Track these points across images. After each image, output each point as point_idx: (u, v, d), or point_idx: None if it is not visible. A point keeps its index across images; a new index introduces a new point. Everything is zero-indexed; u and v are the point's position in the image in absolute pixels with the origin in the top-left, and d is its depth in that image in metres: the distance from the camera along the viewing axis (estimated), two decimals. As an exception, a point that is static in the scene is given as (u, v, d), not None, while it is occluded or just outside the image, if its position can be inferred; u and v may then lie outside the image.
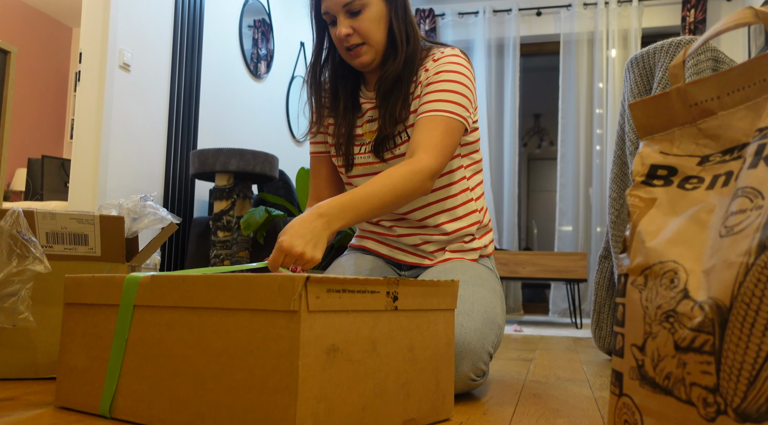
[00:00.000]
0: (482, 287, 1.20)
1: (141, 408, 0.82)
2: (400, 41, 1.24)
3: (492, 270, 1.34)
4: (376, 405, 0.77)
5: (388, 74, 1.24)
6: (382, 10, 1.23)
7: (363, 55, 1.23)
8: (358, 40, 1.22)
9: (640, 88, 1.74)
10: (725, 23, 0.69)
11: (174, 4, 3.43)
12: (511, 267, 3.67)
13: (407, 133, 1.26)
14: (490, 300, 1.18)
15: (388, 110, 1.25)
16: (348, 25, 1.21)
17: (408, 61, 1.25)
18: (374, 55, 1.24)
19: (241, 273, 0.74)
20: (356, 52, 1.23)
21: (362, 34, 1.22)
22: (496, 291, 1.24)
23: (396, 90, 1.25)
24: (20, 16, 5.43)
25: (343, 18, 1.21)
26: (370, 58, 1.24)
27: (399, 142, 1.26)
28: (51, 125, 5.76)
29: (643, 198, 0.75)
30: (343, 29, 1.21)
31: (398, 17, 1.25)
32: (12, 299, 1.11)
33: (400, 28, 1.25)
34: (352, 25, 1.21)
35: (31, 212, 1.21)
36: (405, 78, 1.25)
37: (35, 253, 1.13)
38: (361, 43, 1.22)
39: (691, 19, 4.74)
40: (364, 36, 1.22)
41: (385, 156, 1.28)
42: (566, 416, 0.98)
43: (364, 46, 1.23)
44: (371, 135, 1.30)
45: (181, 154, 3.44)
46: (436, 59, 1.26)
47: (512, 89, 5.15)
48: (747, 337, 0.55)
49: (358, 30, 1.21)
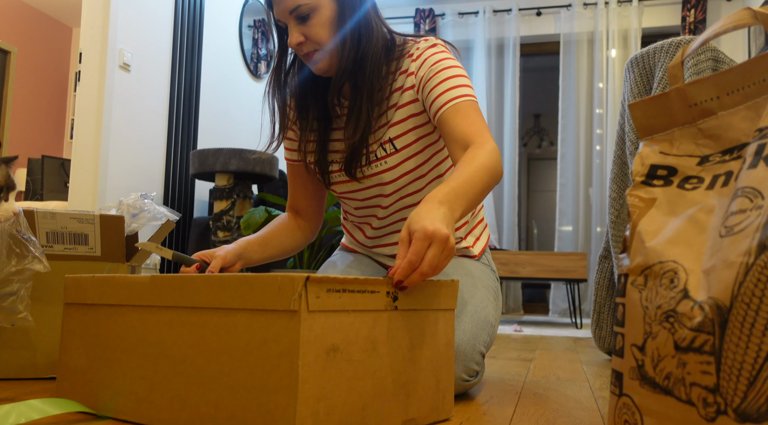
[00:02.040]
0: (473, 286, 1.19)
1: (141, 408, 0.82)
2: (351, 41, 1.15)
3: (487, 265, 1.31)
4: (376, 405, 0.77)
5: (341, 81, 1.16)
6: (332, 12, 1.14)
7: (319, 61, 1.16)
8: (311, 47, 1.15)
9: (640, 88, 1.74)
10: (724, 24, 0.69)
11: (174, 4, 3.43)
12: (511, 267, 3.67)
13: (384, 149, 1.18)
14: (482, 298, 1.17)
15: (352, 120, 1.16)
16: (299, 32, 1.14)
17: (361, 61, 1.16)
18: (330, 59, 1.15)
19: (242, 273, 0.74)
20: (310, 58, 1.16)
21: (314, 40, 1.14)
22: (489, 288, 1.23)
23: (358, 96, 1.16)
24: (20, 16, 5.43)
25: (293, 25, 1.14)
26: (327, 64, 1.16)
27: (373, 160, 1.18)
28: (51, 125, 5.76)
29: (642, 198, 0.76)
30: (293, 37, 1.14)
31: (350, 16, 1.16)
32: (11, 298, 1.11)
33: (353, 28, 1.16)
34: (303, 32, 1.14)
35: (31, 211, 1.21)
36: (365, 80, 1.16)
37: (34, 252, 1.13)
38: (314, 49, 1.15)
39: (691, 19, 4.74)
40: (316, 42, 1.14)
41: (357, 174, 1.20)
42: (566, 416, 0.98)
43: (318, 52, 1.15)
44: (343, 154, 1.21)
45: (181, 154, 3.44)
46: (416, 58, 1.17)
47: (512, 89, 5.15)
48: (747, 337, 0.55)
49: (309, 36, 1.14)
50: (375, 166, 1.19)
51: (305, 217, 1.37)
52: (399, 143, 1.18)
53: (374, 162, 1.19)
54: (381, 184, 1.21)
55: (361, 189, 1.24)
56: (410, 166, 1.20)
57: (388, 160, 1.19)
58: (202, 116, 3.66)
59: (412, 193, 1.24)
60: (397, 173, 1.20)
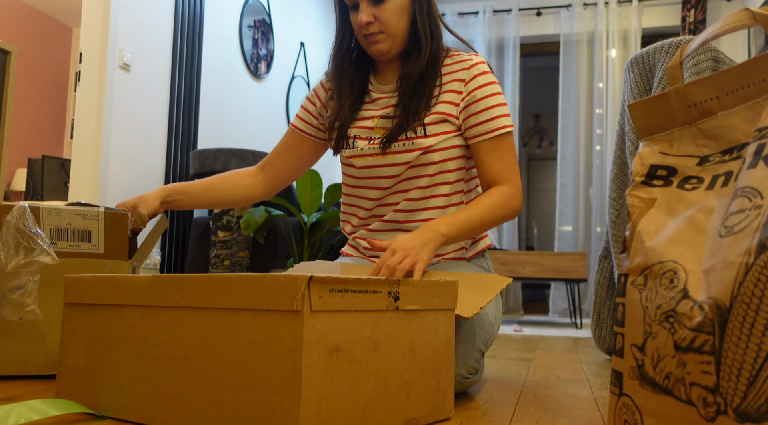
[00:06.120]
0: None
1: (142, 408, 0.82)
2: (424, 36, 1.23)
3: (485, 269, 1.34)
4: (377, 405, 0.77)
5: (413, 71, 1.23)
6: (406, 2, 1.22)
7: (380, 41, 1.22)
8: (377, 29, 1.21)
9: (640, 88, 1.74)
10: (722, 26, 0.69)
11: (174, 4, 3.43)
12: (511, 267, 3.68)
13: (423, 129, 1.25)
14: None
15: (411, 108, 1.23)
16: (370, 13, 1.20)
17: (432, 59, 1.24)
18: (392, 44, 1.23)
19: (244, 274, 0.74)
20: (373, 38, 1.22)
21: (383, 23, 1.21)
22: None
23: (421, 88, 1.24)
24: (20, 16, 5.43)
25: (365, 5, 1.20)
26: (388, 47, 1.23)
27: (410, 137, 1.25)
28: (51, 125, 5.76)
29: (642, 198, 0.76)
30: (364, 16, 1.20)
31: (422, 11, 1.24)
32: (19, 291, 1.11)
33: (424, 22, 1.24)
34: (374, 13, 1.20)
35: (36, 207, 1.21)
36: (429, 76, 1.24)
37: (42, 245, 1.13)
38: (379, 31, 1.21)
39: (691, 19, 4.74)
40: (385, 25, 1.21)
41: (391, 149, 1.26)
42: (566, 416, 0.99)
43: (382, 34, 1.22)
44: (382, 131, 1.27)
45: (181, 154, 3.44)
46: (468, 67, 1.25)
47: (512, 89, 5.15)
48: (747, 337, 0.55)
49: (379, 18, 1.20)
50: (406, 144, 1.24)
51: (273, 179, 1.44)
52: (430, 130, 1.25)
53: (410, 139, 1.24)
54: (399, 163, 1.25)
55: (379, 165, 1.27)
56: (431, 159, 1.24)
57: (416, 141, 1.24)
58: (202, 116, 3.66)
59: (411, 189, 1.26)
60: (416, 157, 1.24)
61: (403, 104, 1.24)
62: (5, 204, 1.18)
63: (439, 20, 1.28)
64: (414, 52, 1.24)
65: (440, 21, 1.28)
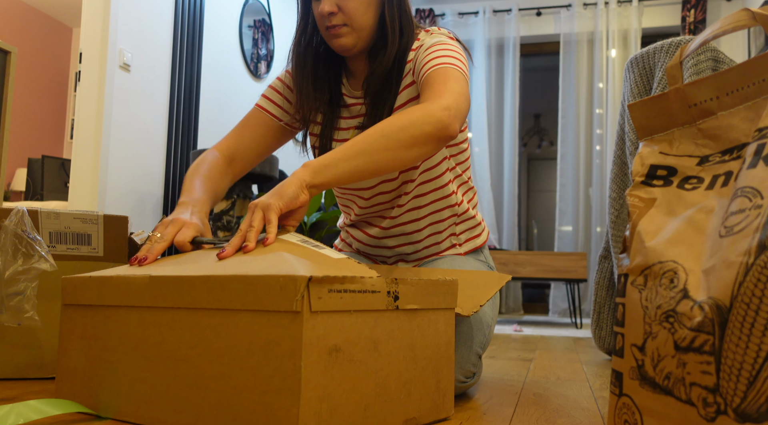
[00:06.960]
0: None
1: (142, 409, 0.82)
2: (391, 32, 1.12)
3: (483, 263, 1.31)
4: (377, 405, 0.77)
5: (378, 73, 1.13)
6: None
7: (343, 35, 1.11)
8: (340, 21, 1.10)
9: (640, 88, 1.74)
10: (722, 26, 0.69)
11: (174, 4, 3.43)
12: (511, 267, 3.68)
13: None
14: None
15: (377, 112, 1.15)
16: (333, 3, 1.09)
17: (400, 57, 1.14)
18: (356, 39, 1.12)
19: (243, 274, 0.74)
20: (336, 32, 1.11)
21: (347, 15, 1.09)
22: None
23: (386, 93, 1.15)
24: (20, 16, 5.43)
25: None
26: (352, 42, 1.12)
27: None
28: (51, 125, 5.76)
29: (642, 198, 0.76)
30: (326, 6, 1.08)
31: (392, 4, 1.13)
32: (18, 298, 1.11)
33: (393, 17, 1.13)
34: (338, 3, 1.09)
35: (35, 211, 1.21)
36: (395, 78, 1.14)
37: (41, 251, 1.13)
38: (343, 23, 1.10)
39: (691, 19, 4.74)
40: (349, 17, 1.10)
41: None
42: (566, 416, 0.98)
43: (346, 27, 1.10)
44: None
45: (181, 154, 3.44)
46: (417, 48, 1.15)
47: (512, 89, 5.15)
48: (747, 337, 0.55)
49: (344, 9, 1.09)
50: None
51: (238, 166, 1.29)
52: None
53: None
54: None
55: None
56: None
57: None
58: (202, 116, 3.66)
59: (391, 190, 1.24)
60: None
61: (372, 114, 1.16)
62: (3, 208, 1.18)
63: (411, 15, 1.17)
64: (381, 49, 1.13)
65: (411, 16, 1.18)
